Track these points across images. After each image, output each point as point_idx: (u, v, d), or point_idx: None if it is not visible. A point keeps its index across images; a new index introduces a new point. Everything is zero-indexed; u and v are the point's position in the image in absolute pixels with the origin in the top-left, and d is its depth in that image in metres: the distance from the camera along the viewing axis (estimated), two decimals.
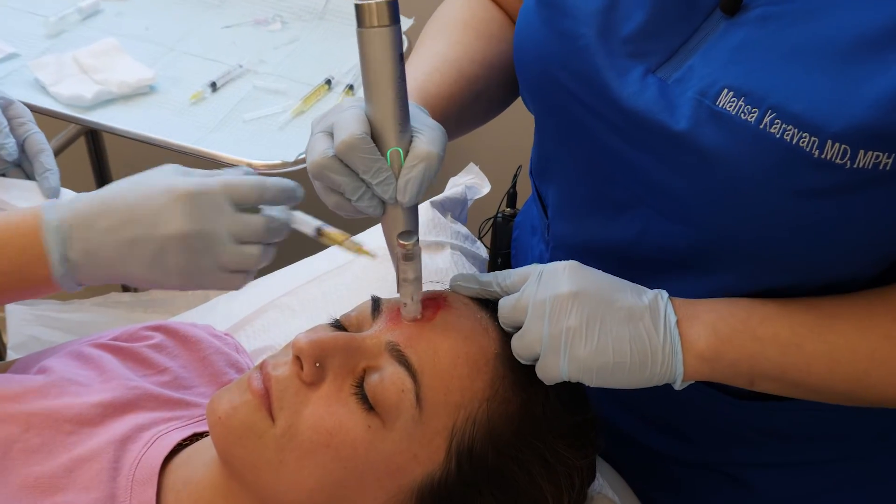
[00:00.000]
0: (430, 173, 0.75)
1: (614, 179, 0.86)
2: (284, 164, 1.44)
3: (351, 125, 0.74)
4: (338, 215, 0.82)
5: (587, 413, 0.86)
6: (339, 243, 0.84)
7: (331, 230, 0.85)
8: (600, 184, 0.88)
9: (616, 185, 0.86)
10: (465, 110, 0.99)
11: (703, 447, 1.01)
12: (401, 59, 0.74)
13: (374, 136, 0.75)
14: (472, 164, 1.49)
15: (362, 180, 0.75)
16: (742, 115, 0.73)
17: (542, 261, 1.06)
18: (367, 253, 0.83)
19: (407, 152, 0.75)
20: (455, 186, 1.44)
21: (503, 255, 1.32)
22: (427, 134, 0.76)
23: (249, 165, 1.41)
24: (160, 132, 1.49)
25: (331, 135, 0.76)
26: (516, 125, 1.37)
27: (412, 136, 0.76)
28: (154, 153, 1.96)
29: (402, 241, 0.78)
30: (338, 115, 0.76)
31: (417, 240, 0.78)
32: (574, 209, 0.95)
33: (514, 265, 1.28)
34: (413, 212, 0.79)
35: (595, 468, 0.89)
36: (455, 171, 1.52)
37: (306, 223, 0.86)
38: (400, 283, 0.80)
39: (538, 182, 1.05)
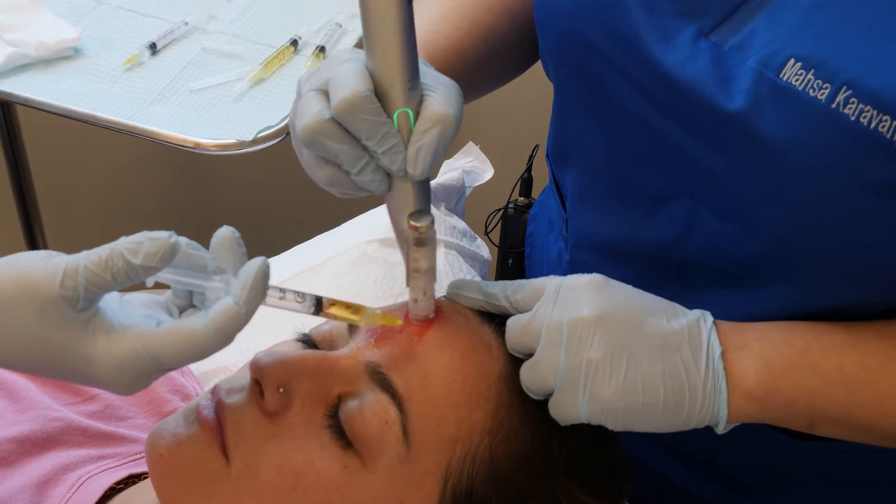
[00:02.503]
0: (445, 139, 0.74)
1: (651, 164, 0.86)
2: (241, 144, 1.44)
3: (352, 81, 0.73)
4: (309, 205, 0.82)
5: (613, 451, 0.87)
6: (355, 321, 0.79)
7: (338, 302, 0.79)
8: (633, 170, 0.88)
9: (653, 171, 0.86)
10: (478, 69, 0.99)
11: (756, 496, 1.01)
12: (409, 0, 0.74)
13: (378, 95, 0.74)
14: (470, 144, 1.49)
15: (365, 148, 0.74)
16: (811, 91, 0.73)
17: (561, 262, 1.06)
18: (392, 320, 0.81)
19: (417, 114, 0.75)
20: (450, 171, 1.44)
21: (515, 254, 1.32)
22: (441, 92, 0.76)
23: (197, 145, 1.41)
24: (87, 104, 1.49)
25: (325, 94, 0.75)
26: (534, 95, 1.37)
27: (423, 95, 0.75)
28: (79, 131, 1.96)
29: (413, 223, 0.77)
30: (333, 69, 0.75)
31: (433, 221, 0.77)
32: (599, 201, 0.95)
33: (528, 266, 1.28)
34: (425, 187, 0.78)
35: None
36: (450, 153, 1.52)
37: (291, 298, 0.79)
38: (410, 274, 0.80)
39: (555, 166, 1.05)
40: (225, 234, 0.74)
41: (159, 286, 0.74)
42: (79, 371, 0.68)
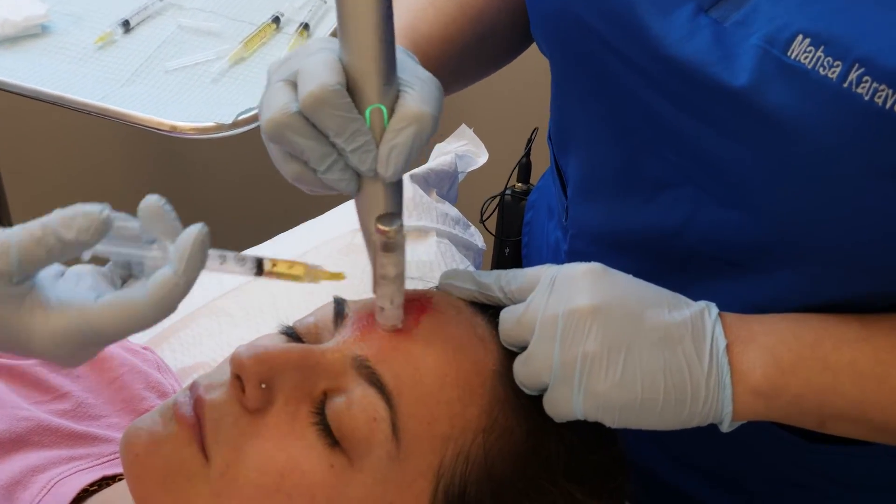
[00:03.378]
0: (420, 140, 0.74)
1: (653, 150, 0.86)
2: (220, 128, 1.44)
3: (321, 73, 0.73)
4: (292, 192, 0.82)
5: (613, 449, 0.87)
6: (298, 278, 0.80)
7: (279, 262, 0.81)
8: (634, 155, 0.89)
9: (655, 156, 0.87)
10: (465, 57, 0.99)
11: (760, 500, 1.02)
12: None
13: (351, 89, 0.73)
14: (463, 127, 1.49)
15: (333, 146, 0.74)
16: (821, 69, 0.73)
17: (559, 252, 1.07)
18: (336, 275, 0.82)
19: (392, 111, 0.74)
20: (442, 155, 1.45)
21: (512, 243, 1.33)
22: (419, 88, 0.75)
23: (174, 128, 1.42)
24: (55, 86, 1.49)
25: (294, 85, 0.75)
26: (533, 74, 1.37)
27: (399, 91, 0.75)
28: (48, 113, 1.95)
29: (381, 227, 0.77)
30: (304, 59, 0.75)
31: (402, 225, 0.78)
32: (599, 188, 0.95)
33: (525, 256, 1.28)
34: (397, 189, 0.78)
35: None
36: (443, 135, 1.52)
37: (232, 262, 0.80)
38: (377, 280, 0.80)
39: (557, 152, 1.05)
40: (151, 202, 0.75)
41: (98, 259, 0.75)
42: (18, 345, 0.70)
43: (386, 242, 0.77)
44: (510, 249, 1.33)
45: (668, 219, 0.88)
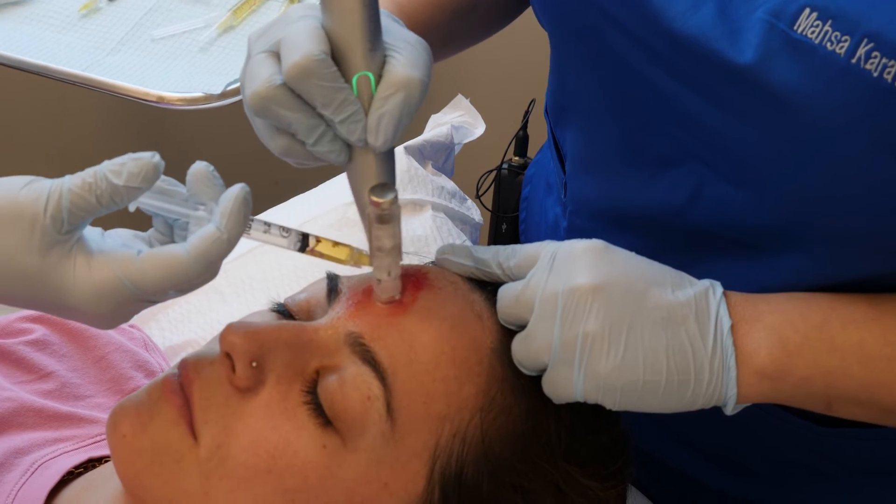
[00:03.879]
0: (410, 106, 0.74)
1: (655, 126, 0.86)
2: (208, 98, 1.44)
3: (305, 42, 0.73)
4: (284, 165, 0.82)
5: (615, 431, 0.87)
6: (340, 260, 0.81)
7: (324, 240, 0.81)
8: (636, 131, 0.89)
9: (658, 132, 0.87)
10: (455, 22, 0.99)
11: (769, 484, 1.02)
12: None
13: (336, 57, 0.74)
14: (459, 97, 1.49)
15: (321, 116, 0.74)
16: (828, 44, 0.73)
17: (558, 229, 1.07)
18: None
19: (379, 78, 0.74)
20: (438, 126, 1.44)
21: (509, 219, 1.33)
22: (406, 53, 0.75)
23: (160, 98, 1.41)
24: (38, 55, 1.48)
25: (277, 56, 0.75)
26: (530, 43, 1.36)
27: (385, 56, 0.75)
28: (30, 84, 1.95)
29: (375, 199, 0.77)
30: (285, 28, 0.75)
31: (396, 196, 0.78)
32: (600, 164, 0.95)
33: (523, 232, 1.28)
34: (388, 158, 0.78)
35: (625, 502, 0.90)
36: (438, 106, 1.52)
37: (276, 232, 0.81)
38: (373, 253, 0.80)
39: (554, 125, 1.05)
40: (200, 167, 0.77)
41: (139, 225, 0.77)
42: (57, 299, 0.72)
43: (380, 214, 0.77)
44: (507, 225, 1.33)
45: (673, 196, 0.88)
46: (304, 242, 0.81)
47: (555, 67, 0.99)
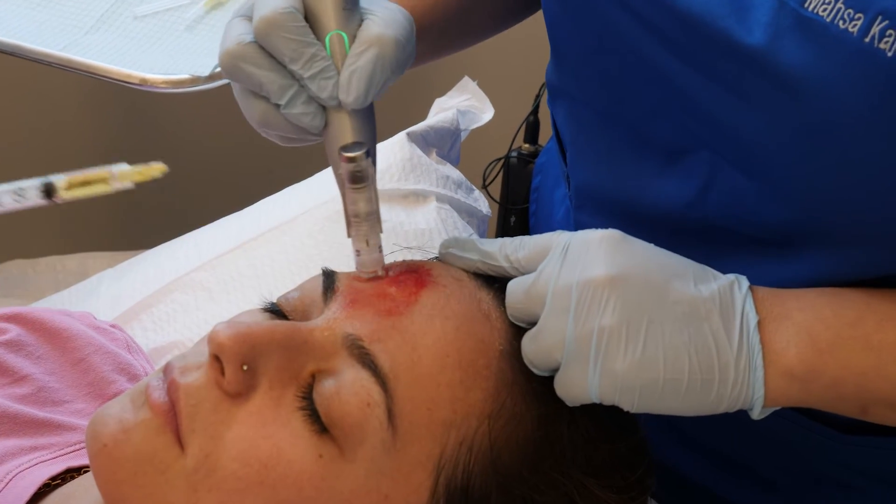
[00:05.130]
0: (383, 62, 0.78)
1: (662, 112, 0.87)
2: (195, 80, 1.44)
3: (276, 0, 0.77)
4: (277, 153, 0.83)
5: (633, 438, 0.87)
6: (105, 186, 0.80)
7: (74, 178, 0.79)
8: (642, 118, 0.89)
9: (666, 121, 0.87)
10: (467, 12, 1.00)
11: (790, 497, 1.02)
12: None
13: (309, 18, 0.79)
14: (466, 79, 1.49)
15: (293, 77, 0.78)
16: (840, 22, 0.74)
17: (569, 225, 1.07)
18: (151, 170, 0.81)
19: (354, 40, 0.79)
20: (443, 111, 1.44)
21: (518, 210, 1.33)
22: (381, 14, 0.79)
23: (143, 81, 1.41)
24: (10, 33, 1.48)
25: (251, 19, 0.79)
26: (540, 22, 1.37)
27: (362, 19, 0.79)
28: (3, 63, 1.95)
29: (346, 153, 0.79)
30: None
31: (369, 154, 0.80)
32: (603, 154, 0.95)
33: (533, 226, 1.29)
34: (364, 119, 0.81)
35: None
36: (442, 89, 1.52)
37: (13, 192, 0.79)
38: (349, 222, 0.82)
39: (554, 112, 1.05)
40: None
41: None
42: None
43: (353, 172, 0.79)
44: (516, 218, 1.33)
45: (684, 187, 0.89)
46: (48, 193, 0.79)
47: (555, 49, 0.99)
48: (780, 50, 0.76)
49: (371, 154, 0.80)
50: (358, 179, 0.79)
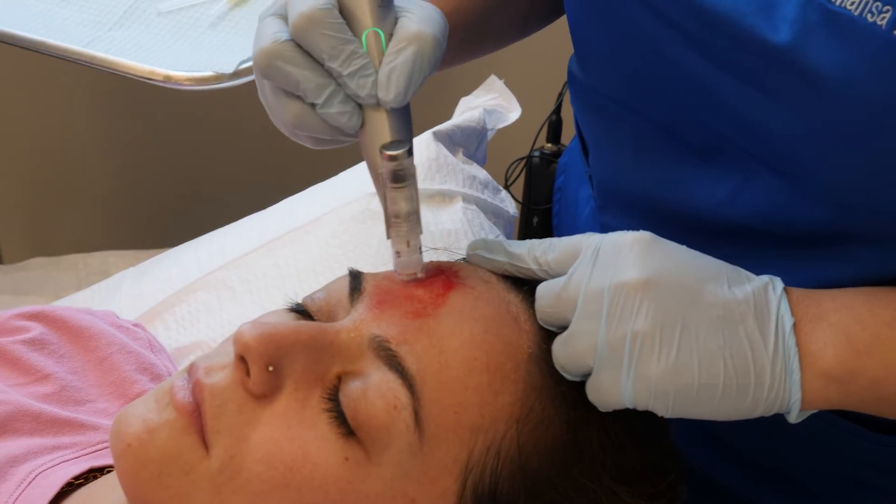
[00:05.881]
0: (422, 61, 0.78)
1: (690, 113, 0.87)
2: (219, 78, 1.44)
3: None
4: (301, 151, 0.83)
5: (664, 444, 0.87)
6: None
7: None
8: (671, 119, 0.89)
9: (694, 121, 0.87)
10: (489, 18, 1.00)
11: (825, 501, 1.02)
12: None
13: (346, 16, 0.78)
14: (493, 78, 1.49)
15: (330, 75, 0.78)
16: (868, 15, 0.74)
17: (595, 223, 1.07)
18: None
19: (391, 37, 0.78)
20: (469, 110, 1.44)
21: (541, 211, 1.33)
22: (417, 12, 0.79)
23: (167, 78, 1.42)
24: (32, 29, 1.49)
25: (285, 18, 0.79)
26: (563, 19, 1.37)
27: (396, 17, 0.79)
28: (24, 61, 1.96)
29: (388, 152, 0.79)
30: None
31: (411, 150, 0.79)
32: (630, 154, 0.95)
33: (556, 227, 1.28)
34: (402, 117, 0.80)
35: None
36: (468, 89, 1.52)
37: None
38: (389, 222, 0.81)
39: (576, 109, 1.05)
40: None
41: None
42: None
43: (394, 171, 0.79)
44: (539, 218, 1.33)
45: (716, 187, 0.89)
46: None
47: (578, 47, 0.99)
48: (808, 46, 0.76)
49: (411, 152, 0.80)
50: (400, 179, 0.79)
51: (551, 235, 1.27)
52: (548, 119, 1.52)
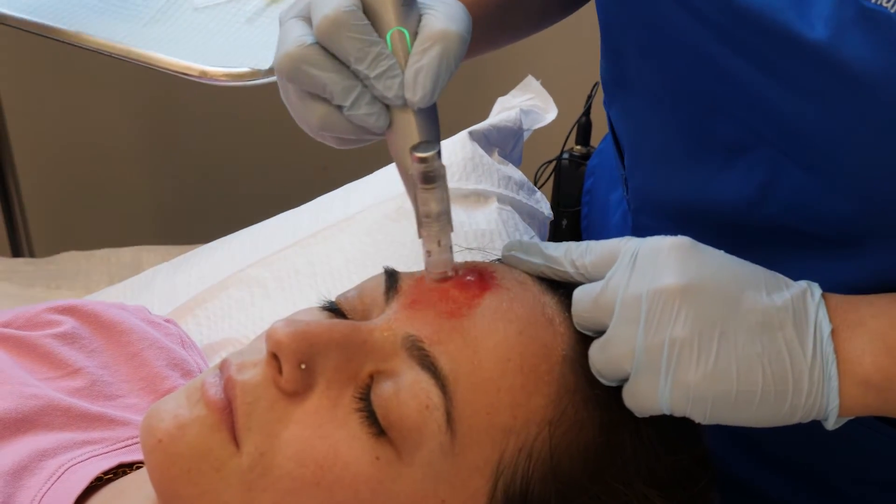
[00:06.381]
0: (448, 59, 0.78)
1: (722, 110, 0.86)
2: (255, 74, 1.45)
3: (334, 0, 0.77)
4: (332, 148, 0.82)
5: (697, 449, 0.87)
6: None
7: None
8: (701, 117, 0.89)
9: (725, 117, 0.87)
10: (509, 10, 1.00)
11: None
12: None
13: (368, 15, 0.78)
14: (530, 78, 1.49)
15: (356, 76, 0.78)
16: None
17: (626, 229, 1.07)
18: None
19: (415, 36, 0.78)
20: (506, 110, 1.44)
21: (570, 213, 1.32)
22: (441, 9, 0.79)
23: (203, 74, 1.42)
24: (69, 22, 1.50)
25: (308, 20, 0.79)
26: (591, 17, 1.36)
27: (420, 15, 0.79)
28: (56, 54, 1.97)
29: (418, 154, 0.79)
30: None
31: (439, 152, 0.80)
32: (661, 154, 0.95)
33: (585, 229, 1.28)
34: (430, 117, 0.80)
35: None
36: (504, 89, 1.52)
37: None
38: (420, 221, 0.81)
39: (611, 113, 1.05)
40: None
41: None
42: None
43: (425, 172, 0.79)
44: (568, 221, 1.33)
45: (745, 186, 0.88)
46: None
47: (607, 50, 0.99)
48: (843, 43, 0.75)
49: (440, 153, 0.80)
50: (430, 179, 0.79)
51: (580, 238, 1.27)
52: (577, 121, 1.52)
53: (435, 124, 0.81)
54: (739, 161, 0.88)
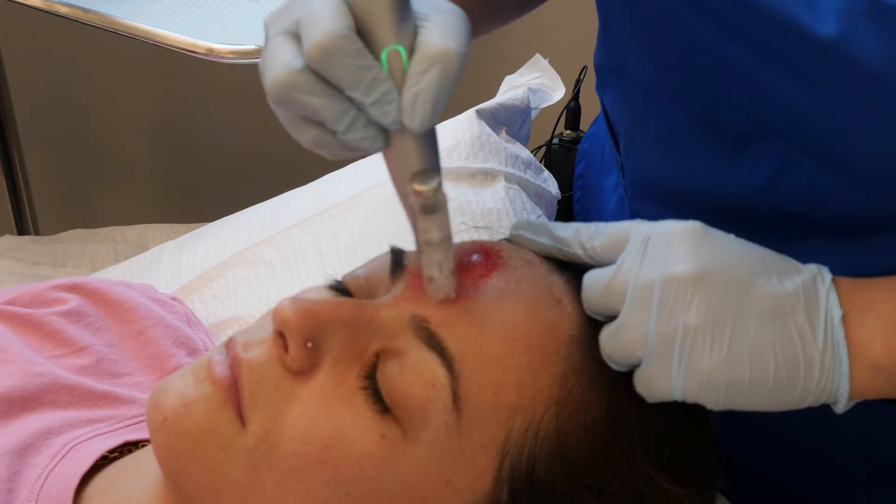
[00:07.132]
0: (448, 81, 0.72)
1: (729, 101, 0.86)
2: (262, 51, 1.44)
3: (326, 18, 0.71)
4: (316, 157, 0.81)
5: (704, 431, 0.87)
6: None
7: None
8: (707, 107, 0.89)
9: (732, 109, 0.87)
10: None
11: (866, 489, 1.02)
12: None
13: (361, 32, 0.72)
14: (538, 57, 1.49)
15: (350, 100, 0.73)
16: None
17: (623, 209, 1.07)
18: None
19: (411, 52, 0.73)
20: (513, 89, 1.44)
21: (562, 199, 1.32)
22: (439, 22, 0.74)
23: (210, 51, 1.42)
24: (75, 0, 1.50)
25: (297, 37, 0.74)
26: (580, 2, 1.36)
27: (416, 28, 0.73)
28: (61, 31, 1.97)
29: (417, 187, 0.76)
30: (304, 5, 0.74)
31: (440, 183, 0.77)
32: (661, 142, 0.95)
33: (578, 214, 1.28)
34: (429, 140, 0.77)
35: None
36: (511, 67, 1.52)
37: None
38: (420, 248, 0.80)
39: (604, 97, 1.05)
40: None
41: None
42: None
43: (424, 204, 0.77)
44: (559, 205, 1.32)
45: (753, 175, 0.88)
46: None
47: (604, 37, 0.98)
48: (853, 37, 0.75)
49: (440, 183, 0.77)
50: (430, 210, 0.77)
51: (573, 221, 1.28)
52: (566, 106, 1.52)
53: (434, 148, 0.77)
54: (748, 149, 0.88)
